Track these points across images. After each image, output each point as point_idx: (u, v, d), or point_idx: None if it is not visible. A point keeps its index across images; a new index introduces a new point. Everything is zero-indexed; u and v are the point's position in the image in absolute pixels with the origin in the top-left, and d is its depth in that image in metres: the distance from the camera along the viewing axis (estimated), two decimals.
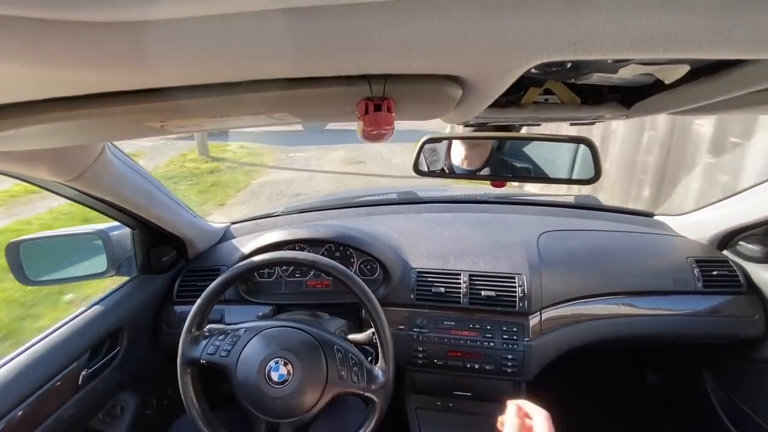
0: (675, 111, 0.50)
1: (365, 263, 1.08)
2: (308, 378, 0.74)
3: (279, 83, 0.32)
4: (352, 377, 0.75)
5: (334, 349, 0.77)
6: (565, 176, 0.85)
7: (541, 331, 0.96)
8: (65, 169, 0.66)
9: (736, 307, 1.01)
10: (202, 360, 0.77)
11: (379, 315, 0.77)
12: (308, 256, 0.83)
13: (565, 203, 1.34)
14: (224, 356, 0.77)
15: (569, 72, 0.45)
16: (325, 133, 7.46)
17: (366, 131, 0.38)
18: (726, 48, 0.26)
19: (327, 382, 0.74)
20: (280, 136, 7.43)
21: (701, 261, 1.04)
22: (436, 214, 1.24)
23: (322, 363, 0.75)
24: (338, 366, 0.75)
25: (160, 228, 0.99)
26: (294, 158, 6.55)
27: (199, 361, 0.77)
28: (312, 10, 0.21)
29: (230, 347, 0.77)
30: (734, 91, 0.38)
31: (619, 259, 1.06)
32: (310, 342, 0.78)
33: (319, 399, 0.74)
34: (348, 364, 0.76)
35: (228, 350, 0.77)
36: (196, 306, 0.80)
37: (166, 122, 0.42)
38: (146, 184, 0.88)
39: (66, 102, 0.34)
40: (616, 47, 0.26)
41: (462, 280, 0.99)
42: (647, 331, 1.01)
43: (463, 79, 0.34)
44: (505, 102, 0.53)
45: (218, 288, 0.80)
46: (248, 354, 0.77)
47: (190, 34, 0.23)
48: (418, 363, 0.97)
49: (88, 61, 0.25)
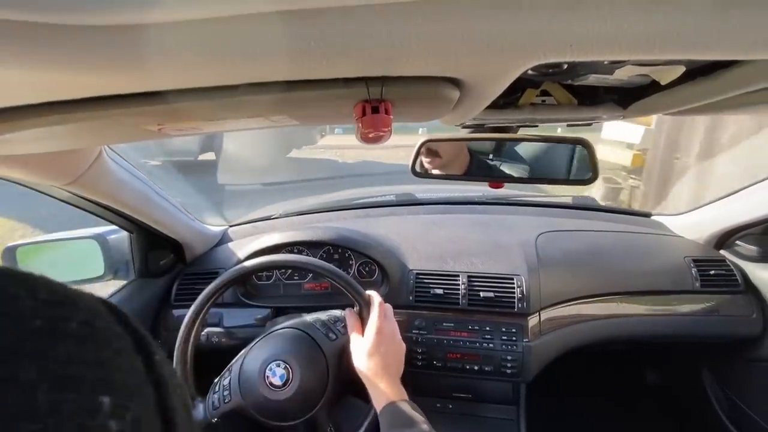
0: (671, 111, 0.50)
1: (363, 265, 1.08)
2: (308, 379, 0.74)
3: (277, 86, 0.32)
4: (339, 330, 0.80)
5: (333, 346, 0.78)
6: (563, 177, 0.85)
7: (540, 332, 0.96)
8: (62, 173, 0.66)
9: (734, 306, 1.01)
10: (213, 420, 0.75)
11: (343, 276, 0.79)
12: (303, 259, 0.83)
13: (562, 204, 1.35)
14: (228, 401, 0.74)
15: (566, 73, 0.45)
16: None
17: (364, 133, 0.38)
18: (720, 49, 0.26)
19: (328, 381, 0.74)
20: None
21: (699, 260, 1.04)
22: (434, 216, 1.24)
23: (322, 363, 0.75)
24: (324, 332, 0.79)
25: (157, 231, 0.99)
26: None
27: (212, 421, 0.75)
28: (309, 12, 0.21)
29: (227, 382, 0.76)
30: (729, 91, 0.38)
31: (617, 259, 1.07)
32: (308, 342, 0.78)
33: (321, 399, 0.74)
34: (332, 324, 0.81)
35: (227, 387, 0.76)
36: (190, 311, 0.79)
37: (164, 125, 0.42)
38: (144, 188, 0.88)
39: (63, 105, 0.34)
40: (612, 48, 0.26)
41: (460, 282, 0.99)
42: (646, 331, 1.01)
43: (460, 81, 0.34)
44: (502, 104, 0.53)
45: (212, 293, 0.80)
46: (248, 362, 0.77)
47: (188, 37, 0.23)
48: (417, 365, 0.97)
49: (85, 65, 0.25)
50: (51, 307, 0.16)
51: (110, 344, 0.17)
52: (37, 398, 0.14)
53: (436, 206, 1.30)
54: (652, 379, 1.46)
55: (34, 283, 0.17)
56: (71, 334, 0.16)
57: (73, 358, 0.15)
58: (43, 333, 0.15)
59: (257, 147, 4.98)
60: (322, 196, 3.55)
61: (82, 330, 0.17)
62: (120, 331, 0.19)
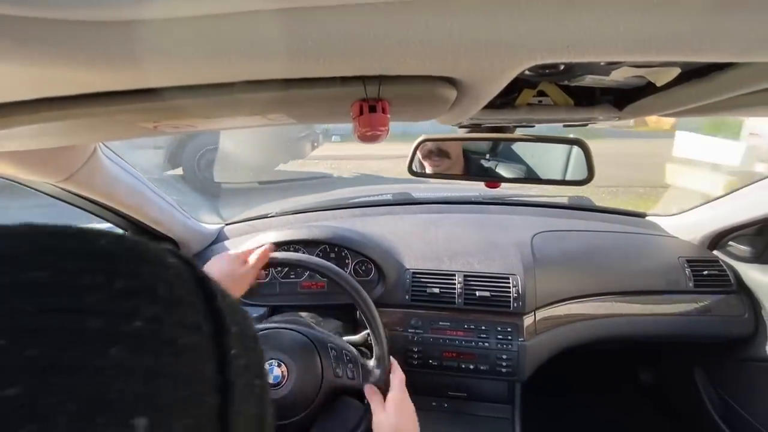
0: (666, 113, 0.51)
1: (360, 264, 1.08)
2: (303, 378, 0.73)
3: (273, 84, 0.32)
4: (348, 373, 0.75)
5: (327, 347, 0.77)
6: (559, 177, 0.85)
7: (535, 331, 0.97)
8: (56, 170, 0.65)
9: (727, 306, 1.02)
10: None
11: (374, 315, 0.77)
12: (301, 257, 0.82)
13: (558, 204, 1.35)
14: None
15: (562, 74, 0.45)
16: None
17: (361, 132, 0.38)
18: (716, 51, 0.26)
19: (323, 380, 0.74)
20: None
21: (692, 261, 1.05)
22: (431, 215, 1.24)
23: (317, 362, 0.75)
24: (333, 364, 0.75)
25: (153, 230, 0.98)
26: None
27: None
28: (307, 10, 0.21)
29: None
30: (725, 93, 0.39)
31: (612, 259, 1.07)
32: (303, 341, 0.78)
33: (315, 398, 0.73)
34: (343, 360, 0.76)
35: None
36: None
37: (159, 123, 0.42)
38: (139, 185, 0.87)
39: (57, 102, 0.33)
40: (608, 50, 0.26)
41: (456, 281, 0.99)
42: (640, 330, 1.02)
43: (457, 81, 0.34)
44: (499, 104, 0.53)
45: None
46: None
47: (184, 33, 0.23)
48: (413, 364, 0.98)
49: (80, 60, 0.24)
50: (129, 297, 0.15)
51: (180, 346, 0.15)
52: None
53: (433, 206, 1.30)
54: (645, 379, 1.47)
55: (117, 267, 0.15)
56: (168, 302, 0.15)
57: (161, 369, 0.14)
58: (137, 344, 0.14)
59: (238, 159, 4.49)
60: (319, 194, 3.45)
61: (148, 327, 0.15)
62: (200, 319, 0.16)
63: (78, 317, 0.13)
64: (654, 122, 5.17)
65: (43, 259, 0.14)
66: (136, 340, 0.14)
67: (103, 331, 0.13)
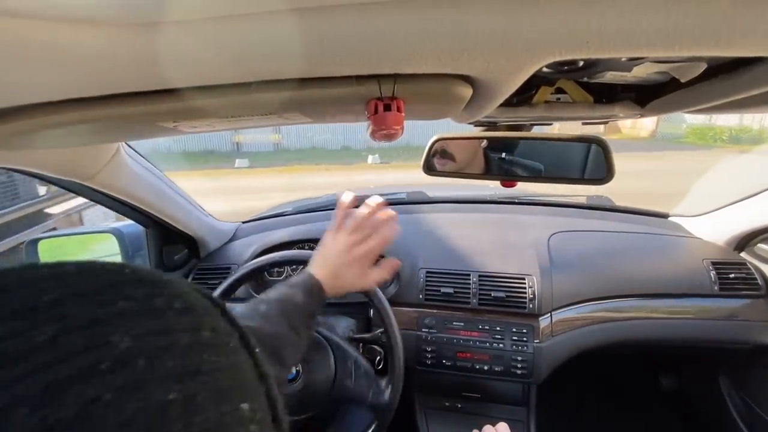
0: (691, 110, 0.49)
1: None
2: (316, 377, 0.74)
3: (290, 83, 0.32)
4: (359, 388, 0.75)
5: (345, 353, 0.77)
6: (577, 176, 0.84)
7: (551, 333, 0.95)
8: (82, 169, 0.68)
9: (754, 310, 0.98)
10: None
11: (389, 315, 0.77)
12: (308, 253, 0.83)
13: (576, 204, 1.33)
14: None
15: (582, 71, 0.44)
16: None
17: (375, 131, 0.38)
18: (745, 45, 0.25)
19: (334, 383, 0.74)
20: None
21: (718, 263, 1.02)
22: (446, 214, 1.23)
23: (331, 365, 0.76)
24: (347, 371, 0.75)
25: (172, 227, 1.01)
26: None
27: None
28: (322, 10, 0.21)
29: None
30: (753, 89, 0.37)
31: (631, 260, 1.05)
32: (321, 342, 0.78)
33: (326, 399, 0.74)
34: (358, 373, 0.76)
35: None
36: None
37: (179, 122, 0.43)
38: (159, 184, 0.90)
39: (82, 103, 0.35)
40: (630, 45, 0.25)
41: (471, 281, 0.98)
42: (661, 335, 0.99)
43: (473, 79, 0.33)
44: (515, 101, 0.52)
45: (227, 290, 0.81)
46: None
47: (203, 35, 0.23)
48: (426, 363, 0.97)
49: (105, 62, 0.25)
50: (185, 314, 0.17)
51: (230, 347, 0.18)
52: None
53: (448, 205, 1.29)
54: (666, 384, 1.43)
55: (166, 290, 0.17)
56: (207, 343, 0.17)
57: (218, 369, 0.16)
58: (190, 347, 0.16)
59: None
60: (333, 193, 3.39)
61: (213, 338, 0.17)
62: (230, 328, 0.19)
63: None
64: (628, 129, 4.70)
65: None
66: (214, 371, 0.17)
67: None
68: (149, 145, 3.74)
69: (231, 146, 12.66)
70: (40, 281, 0.15)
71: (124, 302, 0.16)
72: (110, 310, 0.15)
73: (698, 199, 1.25)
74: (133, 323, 0.15)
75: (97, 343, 0.14)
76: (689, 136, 12.52)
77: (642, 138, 5.00)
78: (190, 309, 0.17)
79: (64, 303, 0.15)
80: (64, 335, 0.14)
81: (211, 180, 5.22)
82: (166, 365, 0.15)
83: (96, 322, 0.15)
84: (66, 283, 0.16)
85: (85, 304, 0.15)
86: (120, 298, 0.16)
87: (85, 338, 0.14)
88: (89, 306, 0.15)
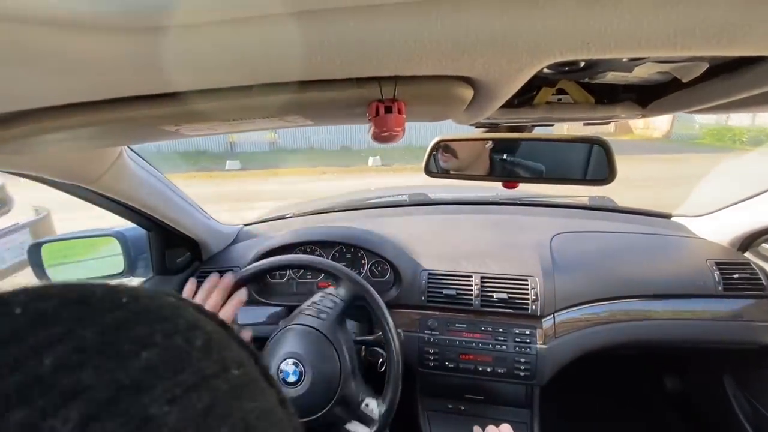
0: (693, 110, 0.49)
1: (376, 265, 1.08)
2: (322, 373, 0.74)
3: (291, 86, 0.32)
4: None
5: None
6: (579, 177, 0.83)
7: (554, 335, 0.94)
8: (85, 172, 0.68)
9: (759, 310, 0.97)
10: None
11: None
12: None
13: (578, 204, 1.32)
14: None
15: (583, 71, 0.44)
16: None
17: (376, 133, 0.38)
18: (747, 44, 0.25)
19: (341, 370, 0.74)
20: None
21: (722, 263, 1.01)
22: (447, 216, 1.23)
23: (333, 354, 0.76)
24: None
25: (175, 230, 1.01)
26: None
27: None
28: (323, 12, 0.21)
29: None
30: (756, 88, 0.37)
31: (635, 261, 1.04)
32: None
33: (337, 391, 0.74)
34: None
35: None
36: None
37: (181, 126, 0.43)
38: (162, 187, 0.90)
39: (85, 107, 0.35)
40: (631, 46, 0.25)
41: (473, 282, 0.98)
42: (665, 336, 0.99)
43: (474, 80, 0.33)
44: (516, 102, 0.52)
45: None
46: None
47: (205, 39, 0.23)
48: (429, 365, 0.97)
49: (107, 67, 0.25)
50: (208, 353, 0.15)
51: (259, 385, 0.17)
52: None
53: (449, 206, 1.29)
54: (671, 385, 1.42)
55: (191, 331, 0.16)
56: (239, 384, 0.15)
57: (259, 417, 0.15)
58: (230, 398, 0.14)
59: None
60: (335, 195, 3.38)
61: (243, 376, 0.16)
62: (245, 354, 0.18)
63: None
64: (641, 130, 4.42)
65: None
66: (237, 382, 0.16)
67: None
68: (141, 146, 3.63)
69: (224, 146, 12.27)
70: (38, 325, 0.12)
71: (147, 352, 0.13)
72: (133, 366, 0.12)
73: (702, 199, 1.24)
74: (164, 381, 0.12)
75: (137, 421, 0.11)
76: (706, 137, 12.00)
77: (655, 139, 4.71)
78: (210, 341, 0.15)
79: (75, 367, 0.11)
80: (94, 421, 0.10)
81: (195, 185, 4.94)
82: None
83: (122, 389, 0.11)
84: (70, 331, 0.12)
85: (102, 365, 0.12)
86: (139, 347, 0.13)
87: (120, 416, 0.11)
88: (108, 366, 0.12)
